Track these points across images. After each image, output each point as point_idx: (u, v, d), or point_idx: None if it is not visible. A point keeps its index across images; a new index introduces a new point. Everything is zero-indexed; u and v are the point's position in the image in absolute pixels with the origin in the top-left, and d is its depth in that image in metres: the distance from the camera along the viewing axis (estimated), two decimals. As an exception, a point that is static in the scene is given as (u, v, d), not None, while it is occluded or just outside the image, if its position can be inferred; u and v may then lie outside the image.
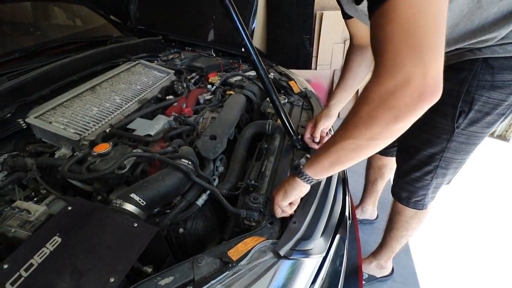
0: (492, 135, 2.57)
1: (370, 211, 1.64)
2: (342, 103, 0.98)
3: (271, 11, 2.74)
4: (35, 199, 0.71)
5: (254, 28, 2.66)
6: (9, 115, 0.89)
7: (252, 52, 0.78)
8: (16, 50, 1.13)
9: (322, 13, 2.57)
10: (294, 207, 0.69)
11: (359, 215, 1.64)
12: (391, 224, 1.17)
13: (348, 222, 0.85)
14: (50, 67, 1.02)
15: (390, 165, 1.39)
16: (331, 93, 1.00)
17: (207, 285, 0.51)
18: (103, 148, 0.76)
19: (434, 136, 0.86)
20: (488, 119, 0.78)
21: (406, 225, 1.11)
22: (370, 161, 1.47)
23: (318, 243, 0.65)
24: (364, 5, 0.61)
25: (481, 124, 0.80)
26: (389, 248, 1.26)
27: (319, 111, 1.01)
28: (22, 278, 0.48)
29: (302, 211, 0.70)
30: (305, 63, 2.82)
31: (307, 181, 0.63)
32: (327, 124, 0.96)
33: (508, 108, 0.77)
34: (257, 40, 2.96)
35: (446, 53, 0.72)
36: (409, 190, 1.00)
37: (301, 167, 0.63)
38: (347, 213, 0.84)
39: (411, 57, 0.41)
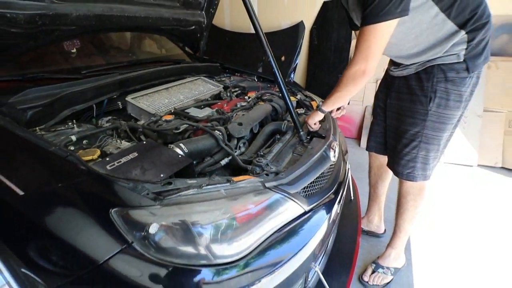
0: None
1: (376, 222, 1.71)
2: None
3: (312, 53, 3.20)
4: (124, 140, 1.13)
5: (296, 64, 3.13)
6: (115, 96, 1.39)
7: (275, 67, 1.17)
8: (125, 62, 1.71)
9: (358, 57, 2.91)
10: (318, 126, 1.30)
11: (365, 226, 1.72)
12: (401, 208, 1.38)
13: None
14: (143, 72, 1.54)
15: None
16: None
17: (214, 186, 0.81)
18: (168, 117, 1.17)
19: (416, 119, 1.21)
20: (448, 103, 1.14)
21: (414, 203, 1.33)
22: (370, 164, 1.63)
23: (305, 201, 0.91)
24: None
25: (445, 107, 1.15)
26: (403, 232, 1.41)
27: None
28: (115, 165, 0.85)
29: (289, 167, 0.98)
30: (340, 98, 3.12)
31: (322, 111, 1.25)
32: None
33: (461, 95, 1.13)
34: (299, 76, 3.40)
35: (414, 64, 1.18)
36: (401, 164, 1.29)
37: (320, 105, 1.24)
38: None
39: (363, 60, 1.04)
